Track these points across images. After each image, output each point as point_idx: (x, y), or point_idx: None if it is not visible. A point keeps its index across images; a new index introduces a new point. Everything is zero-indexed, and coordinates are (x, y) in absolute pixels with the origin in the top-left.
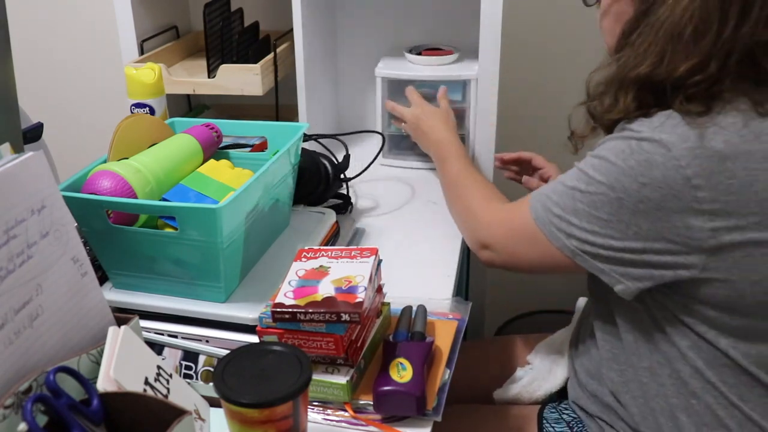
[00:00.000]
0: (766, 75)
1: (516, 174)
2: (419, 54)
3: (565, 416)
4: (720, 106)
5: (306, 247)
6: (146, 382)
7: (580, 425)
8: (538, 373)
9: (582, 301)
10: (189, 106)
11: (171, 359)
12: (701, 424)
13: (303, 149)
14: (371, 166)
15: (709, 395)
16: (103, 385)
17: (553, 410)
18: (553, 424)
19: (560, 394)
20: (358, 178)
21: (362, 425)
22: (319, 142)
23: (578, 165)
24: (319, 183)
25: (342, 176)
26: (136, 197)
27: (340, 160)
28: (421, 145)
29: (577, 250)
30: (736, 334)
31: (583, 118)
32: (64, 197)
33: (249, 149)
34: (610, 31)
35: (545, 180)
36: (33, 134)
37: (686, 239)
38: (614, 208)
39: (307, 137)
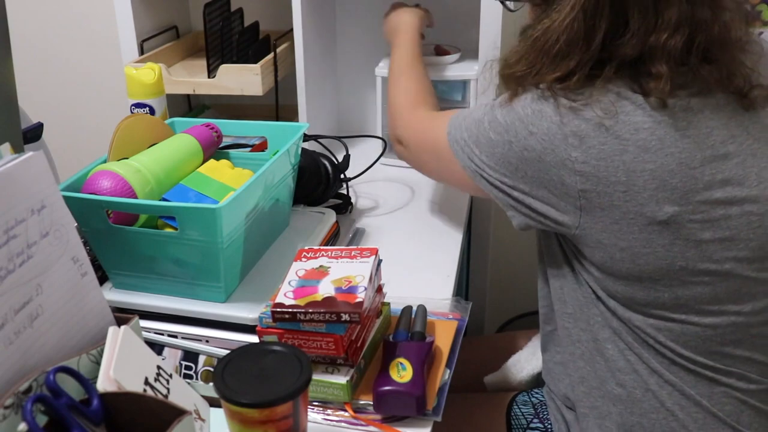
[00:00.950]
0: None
1: None
2: (429, 54)
3: (533, 399)
4: (600, 86)
5: (306, 247)
6: (146, 382)
7: (544, 408)
8: (523, 356)
9: None
10: (189, 106)
11: (171, 359)
12: (615, 368)
13: (303, 149)
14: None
15: (613, 346)
16: (103, 385)
17: (525, 394)
18: (521, 406)
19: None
20: (358, 178)
21: (362, 425)
22: (320, 143)
23: (494, 101)
24: (320, 183)
25: (342, 176)
26: (136, 197)
27: (340, 160)
28: (384, 34)
29: (476, 172)
30: (618, 299)
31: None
32: (64, 197)
33: (249, 149)
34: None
35: None
36: (33, 134)
37: (563, 194)
38: (505, 149)
39: (307, 137)
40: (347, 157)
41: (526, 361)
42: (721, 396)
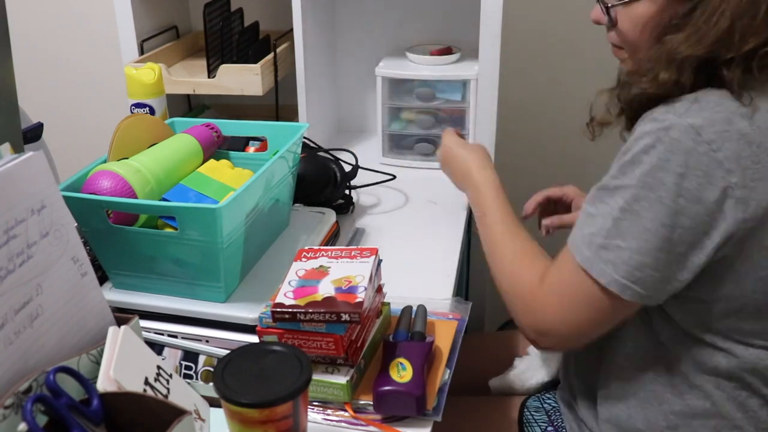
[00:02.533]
0: None
1: (549, 216)
2: (429, 54)
3: (546, 405)
4: (750, 91)
5: (306, 247)
6: (146, 382)
7: (558, 415)
8: (532, 362)
9: None
10: (189, 106)
11: (171, 359)
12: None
13: (317, 155)
14: (371, 165)
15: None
16: (103, 385)
17: (536, 399)
18: (533, 412)
19: (554, 386)
20: (358, 178)
21: (362, 425)
22: (331, 154)
23: (600, 185)
24: (327, 187)
25: (348, 184)
26: (136, 197)
27: (344, 163)
28: (455, 184)
29: (627, 281)
30: (720, 331)
31: (605, 106)
32: (64, 197)
33: (259, 144)
34: (638, 41)
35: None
36: (33, 134)
37: (722, 229)
38: (655, 211)
39: (319, 148)
40: (356, 168)
41: (535, 369)
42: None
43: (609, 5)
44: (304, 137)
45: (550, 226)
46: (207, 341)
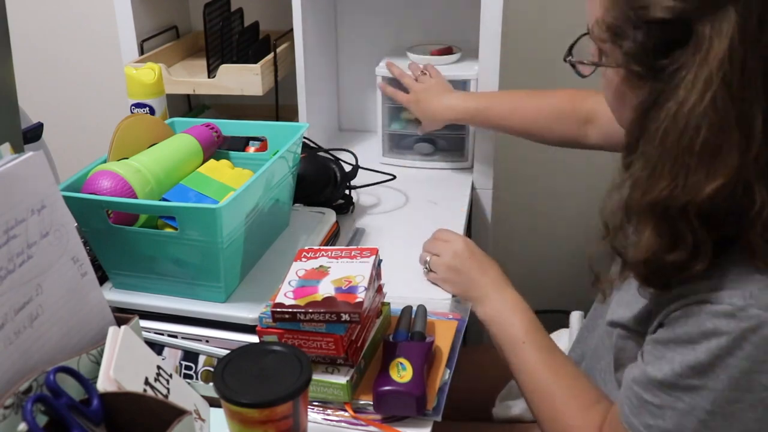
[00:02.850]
0: None
1: None
2: (429, 54)
3: None
4: None
5: (306, 247)
6: (146, 382)
7: None
8: None
9: (576, 317)
10: (189, 106)
11: (171, 359)
12: None
13: (317, 155)
14: (371, 165)
15: None
16: (103, 385)
17: None
18: None
19: None
20: (358, 178)
21: (362, 425)
22: (331, 155)
23: (660, 380)
24: (327, 187)
25: (348, 184)
26: (136, 197)
27: (344, 163)
28: (462, 296)
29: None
30: None
31: (607, 256)
32: (64, 197)
33: (259, 144)
34: (616, 110)
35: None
36: (33, 134)
37: None
38: (758, 413)
39: (319, 148)
40: (356, 168)
41: None
42: None
43: (572, 60)
44: (304, 137)
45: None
46: (207, 341)
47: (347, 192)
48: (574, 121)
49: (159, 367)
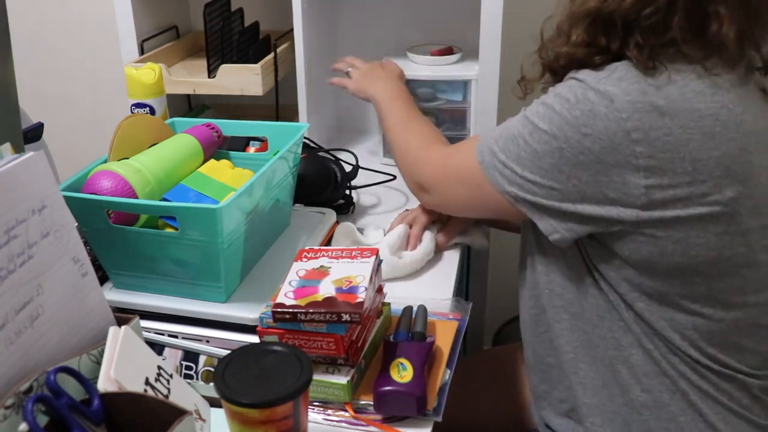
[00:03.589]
0: (713, 35)
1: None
2: (430, 54)
3: None
4: (667, 63)
5: (306, 247)
6: (147, 382)
7: None
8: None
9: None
10: (189, 106)
11: (171, 359)
12: (641, 374)
13: (317, 156)
14: (371, 165)
15: (639, 350)
16: (103, 385)
17: None
18: None
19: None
20: (358, 178)
21: (362, 425)
22: (332, 155)
23: (525, 111)
24: (327, 187)
25: (348, 184)
26: (136, 197)
27: (345, 163)
28: (365, 89)
29: (518, 196)
30: (650, 296)
31: (534, 65)
32: (65, 197)
33: (260, 144)
34: None
35: None
36: (33, 134)
37: (622, 195)
38: (555, 158)
39: (319, 148)
40: (357, 168)
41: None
42: (737, 390)
43: None
44: (305, 137)
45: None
46: (207, 341)
47: (347, 192)
48: None
49: (159, 367)
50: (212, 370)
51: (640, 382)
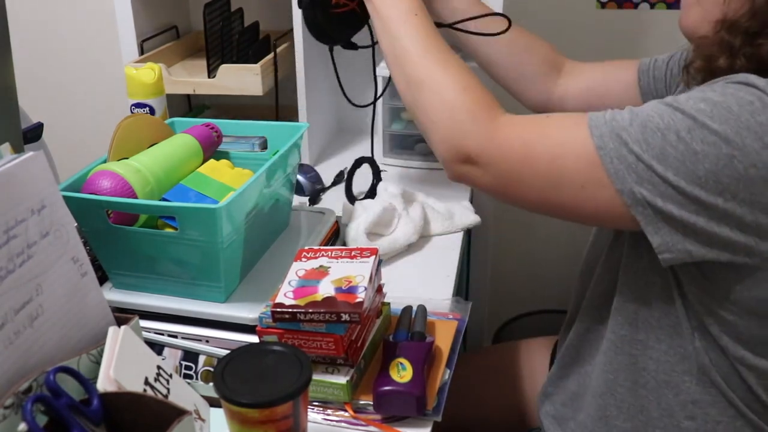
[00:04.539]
0: None
1: None
2: None
3: None
4: None
5: (306, 247)
6: (146, 382)
7: None
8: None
9: None
10: (189, 106)
11: (171, 359)
12: (688, 401)
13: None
14: (373, 166)
15: (696, 380)
16: (103, 385)
17: None
18: None
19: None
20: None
21: (362, 425)
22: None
23: (672, 102)
24: None
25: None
26: (136, 197)
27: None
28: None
29: (645, 199)
30: (743, 338)
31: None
32: (64, 197)
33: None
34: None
35: None
36: (33, 134)
37: None
38: (719, 165)
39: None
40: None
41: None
42: None
43: None
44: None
45: None
46: (207, 341)
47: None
48: (548, 61)
49: (159, 367)
50: (212, 369)
51: (686, 409)
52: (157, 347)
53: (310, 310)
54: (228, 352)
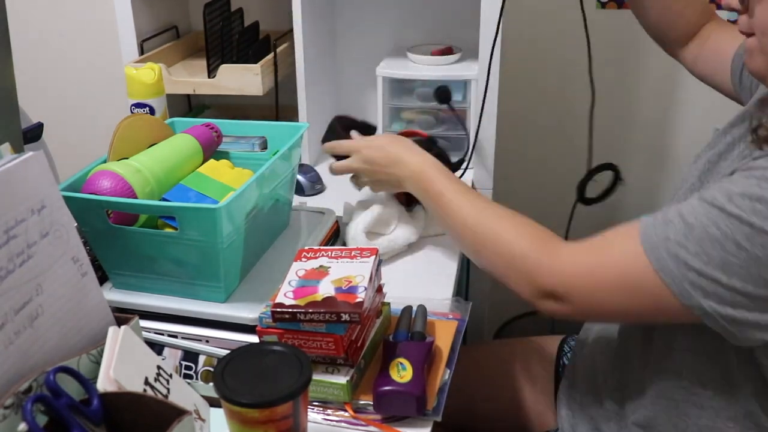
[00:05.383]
0: None
1: None
2: (430, 54)
3: None
4: None
5: (306, 247)
6: (146, 382)
7: None
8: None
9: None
10: (189, 106)
11: (171, 359)
12: None
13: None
14: None
15: (736, 425)
16: (103, 385)
17: None
18: None
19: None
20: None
21: (362, 425)
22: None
23: (726, 205)
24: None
25: None
26: (136, 197)
27: None
28: (388, 185)
29: (715, 310)
30: None
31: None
32: (64, 197)
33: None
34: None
35: None
36: (33, 134)
37: None
38: None
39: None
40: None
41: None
42: None
43: None
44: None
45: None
46: (207, 341)
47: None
48: (694, 22)
49: (159, 367)
50: (212, 369)
51: None
52: (157, 347)
53: (310, 310)
54: (228, 352)
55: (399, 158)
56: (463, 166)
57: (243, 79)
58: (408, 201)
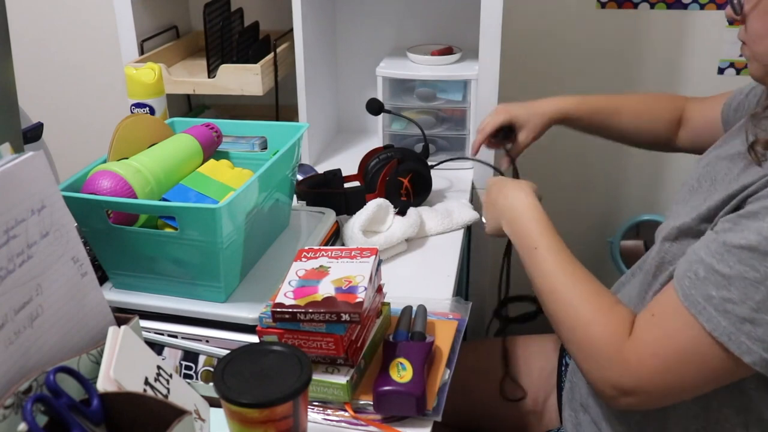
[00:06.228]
0: None
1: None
2: (430, 54)
3: None
4: None
5: (306, 247)
6: (146, 382)
7: None
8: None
9: None
10: (189, 106)
11: (171, 359)
12: None
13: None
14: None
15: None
16: (103, 385)
17: None
18: None
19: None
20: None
21: (362, 425)
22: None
23: (756, 245)
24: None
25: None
26: (136, 197)
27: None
28: (496, 217)
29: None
30: None
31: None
32: (64, 197)
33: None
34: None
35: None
36: (33, 134)
37: None
38: None
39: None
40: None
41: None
42: None
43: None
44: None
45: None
46: (207, 341)
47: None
48: (670, 123)
49: (159, 367)
50: (212, 369)
51: None
52: (157, 347)
53: (310, 310)
54: (228, 352)
55: (507, 204)
56: (466, 166)
57: (243, 79)
58: (402, 209)
